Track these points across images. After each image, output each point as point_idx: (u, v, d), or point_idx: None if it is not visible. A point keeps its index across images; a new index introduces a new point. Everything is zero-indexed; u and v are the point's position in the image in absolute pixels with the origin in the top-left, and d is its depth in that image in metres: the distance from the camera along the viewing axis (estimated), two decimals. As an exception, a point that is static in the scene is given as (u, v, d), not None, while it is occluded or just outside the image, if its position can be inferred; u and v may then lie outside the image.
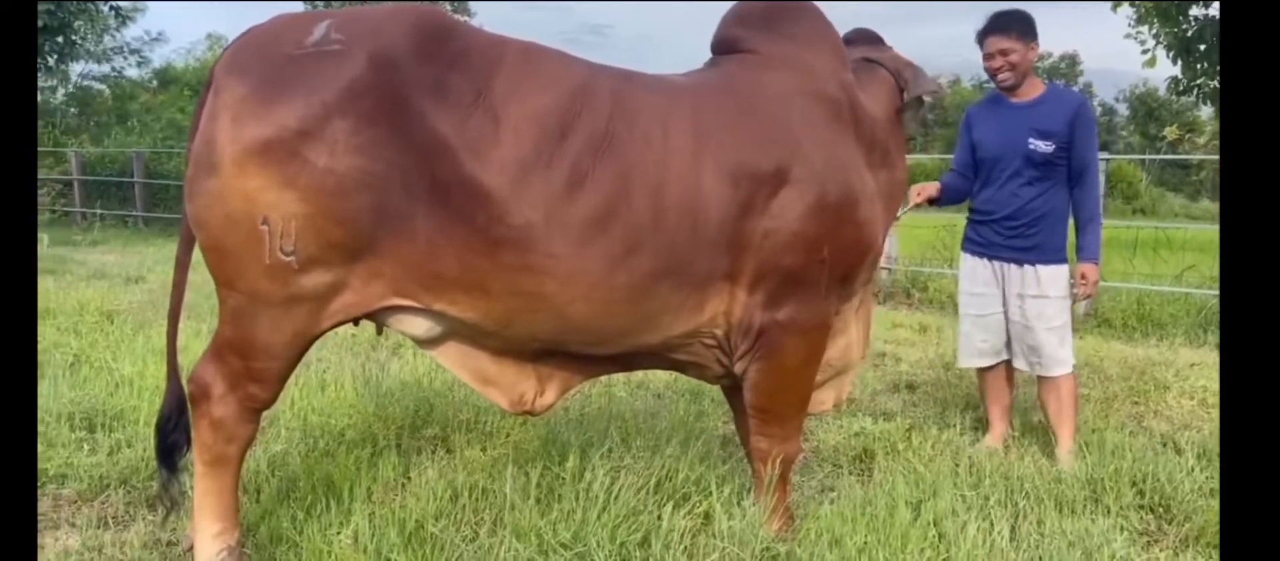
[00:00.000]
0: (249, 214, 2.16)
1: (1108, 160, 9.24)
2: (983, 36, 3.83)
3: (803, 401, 2.80)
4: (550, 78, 2.38)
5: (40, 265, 9.43)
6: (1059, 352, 3.80)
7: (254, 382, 2.37)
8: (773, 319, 2.59)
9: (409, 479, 3.22)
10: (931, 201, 4.00)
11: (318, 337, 2.41)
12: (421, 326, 2.47)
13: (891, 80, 3.05)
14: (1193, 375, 5.26)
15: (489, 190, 2.25)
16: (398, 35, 2.25)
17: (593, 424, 3.72)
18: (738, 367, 2.70)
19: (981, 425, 4.20)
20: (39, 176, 17.87)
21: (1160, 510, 3.15)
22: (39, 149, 18.14)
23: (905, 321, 7.56)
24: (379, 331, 2.56)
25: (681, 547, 2.61)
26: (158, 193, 16.59)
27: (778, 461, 2.76)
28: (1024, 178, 3.80)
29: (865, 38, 3.27)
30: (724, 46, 2.86)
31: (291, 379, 4.21)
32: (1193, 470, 3.37)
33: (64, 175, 17.61)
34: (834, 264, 2.62)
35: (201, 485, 2.43)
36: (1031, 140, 3.76)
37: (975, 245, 3.99)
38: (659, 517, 2.71)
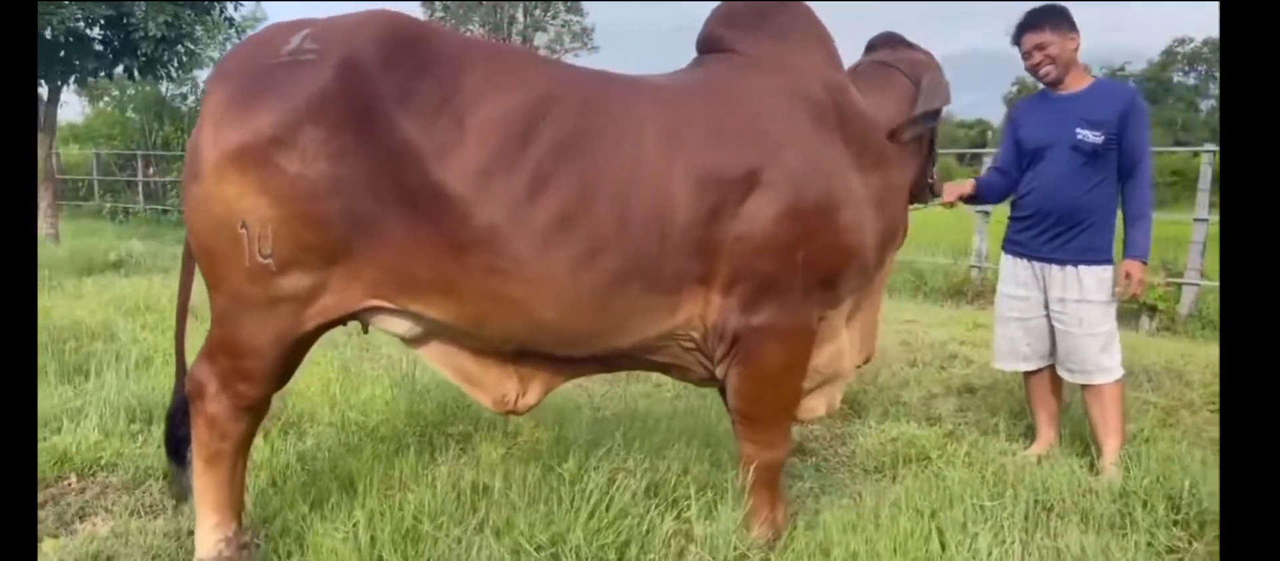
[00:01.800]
0: (229, 218, 2.25)
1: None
2: (1017, 37, 3.70)
3: (787, 407, 2.73)
4: (517, 81, 2.39)
5: (155, 263, 10.03)
6: (1102, 360, 3.59)
7: (243, 381, 2.46)
8: (748, 323, 2.53)
9: (424, 474, 3.28)
10: (967, 199, 3.85)
11: (308, 338, 2.49)
12: (402, 326, 2.52)
13: (907, 85, 2.97)
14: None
15: (453, 194, 2.28)
16: (366, 43, 2.30)
17: (607, 424, 3.70)
18: (718, 372, 2.66)
19: (1032, 433, 4.01)
20: (169, 179, 18.98)
21: (1194, 526, 2.93)
22: (172, 153, 19.24)
23: (989, 321, 7.24)
24: (365, 330, 2.62)
25: (661, 553, 2.59)
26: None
27: (760, 467, 2.70)
28: (1070, 171, 3.60)
29: (888, 42, 3.22)
30: (708, 45, 2.81)
31: (333, 374, 4.45)
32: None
33: (192, 177, 18.57)
34: (811, 269, 2.54)
35: (200, 480, 2.54)
36: (1079, 130, 3.57)
37: (1016, 245, 3.82)
38: (644, 522, 2.69)
